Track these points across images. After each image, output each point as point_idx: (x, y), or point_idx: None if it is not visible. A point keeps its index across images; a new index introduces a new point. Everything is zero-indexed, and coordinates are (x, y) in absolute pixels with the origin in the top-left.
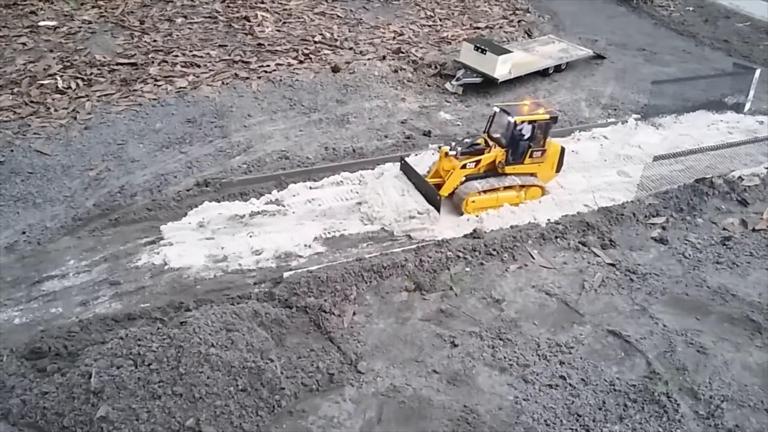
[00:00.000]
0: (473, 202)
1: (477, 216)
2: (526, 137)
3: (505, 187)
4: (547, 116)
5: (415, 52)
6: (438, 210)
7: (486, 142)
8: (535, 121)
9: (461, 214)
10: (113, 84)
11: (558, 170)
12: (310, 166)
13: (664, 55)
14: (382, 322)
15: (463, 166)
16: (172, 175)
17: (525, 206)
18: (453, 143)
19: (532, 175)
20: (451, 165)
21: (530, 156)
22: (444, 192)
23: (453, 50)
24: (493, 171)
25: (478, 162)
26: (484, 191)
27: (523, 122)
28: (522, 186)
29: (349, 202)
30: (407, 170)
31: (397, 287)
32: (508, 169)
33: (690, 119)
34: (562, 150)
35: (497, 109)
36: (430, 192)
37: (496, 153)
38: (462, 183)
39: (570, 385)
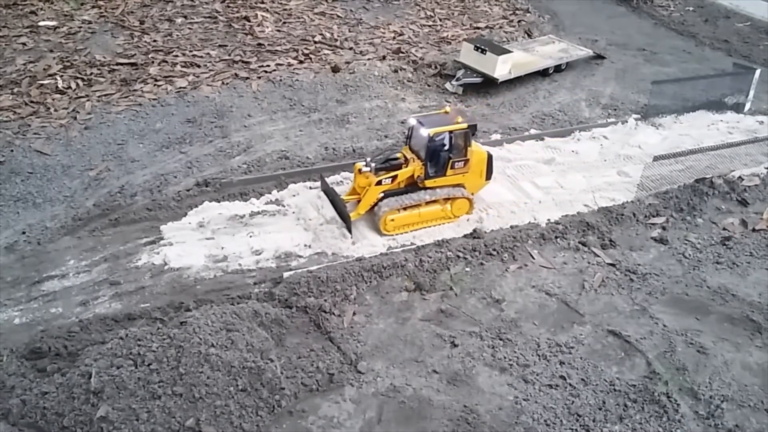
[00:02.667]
0: (392, 220)
1: (399, 233)
2: (445, 148)
3: (428, 202)
4: (465, 125)
5: (415, 52)
6: (350, 231)
7: (405, 155)
8: (452, 131)
9: (381, 234)
10: (113, 84)
11: (488, 178)
12: (310, 166)
13: (664, 55)
14: (382, 322)
15: (379, 183)
16: (172, 175)
17: (525, 206)
18: (368, 158)
19: (459, 186)
20: (366, 182)
21: (452, 167)
22: (360, 210)
23: (453, 50)
24: (414, 186)
25: (394, 177)
26: (404, 208)
27: (438, 133)
28: (447, 199)
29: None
30: (326, 187)
31: (397, 287)
32: (429, 183)
33: (690, 119)
34: (489, 156)
35: (414, 121)
36: (344, 212)
37: (414, 167)
38: (380, 200)
39: (570, 385)
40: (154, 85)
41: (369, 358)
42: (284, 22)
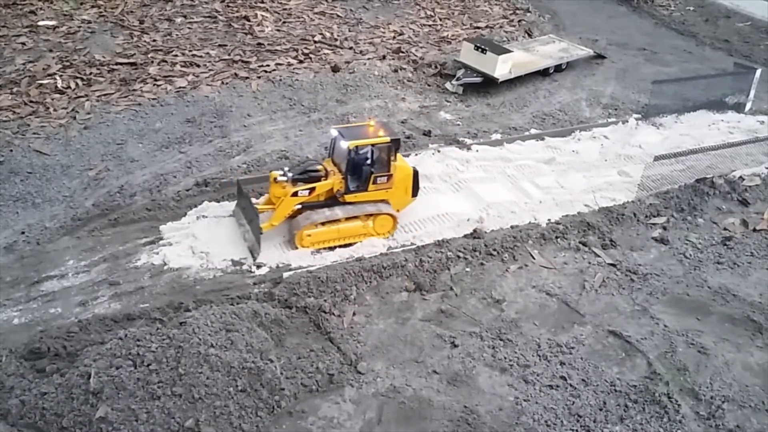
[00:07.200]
0: (309, 235)
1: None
2: (367, 162)
3: (348, 218)
4: (388, 139)
5: (415, 52)
6: (259, 244)
7: (325, 168)
8: (374, 144)
9: (296, 248)
10: (113, 84)
11: (414, 194)
12: None
13: (665, 54)
14: (382, 322)
15: (295, 194)
16: (171, 175)
17: (525, 206)
18: (286, 168)
19: (383, 201)
20: (282, 192)
21: (374, 182)
22: (274, 221)
23: (453, 50)
24: (335, 200)
25: (312, 189)
26: (323, 223)
27: (359, 146)
28: (369, 215)
29: None
30: (240, 194)
31: (397, 287)
32: (349, 198)
33: (690, 119)
34: (415, 173)
35: (335, 133)
36: (255, 223)
37: (334, 180)
38: (299, 212)
39: (570, 385)
40: (154, 84)
41: (369, 359)
42: (284, 22)
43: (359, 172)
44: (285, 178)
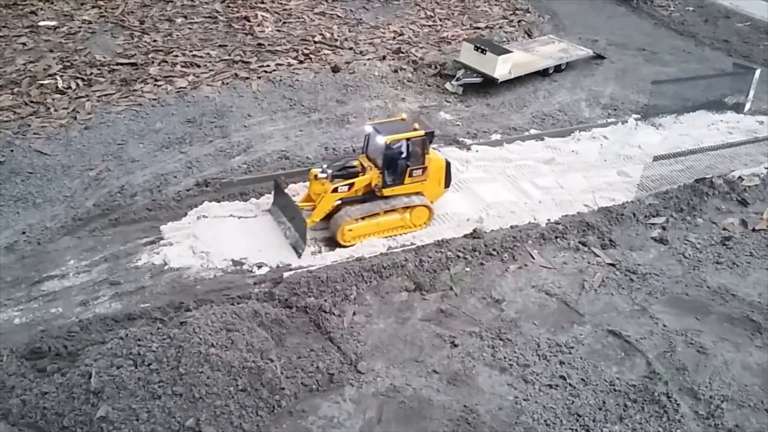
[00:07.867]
0: (350, 230)
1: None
2: (402, 156)
3: (387, 211)
4: (422, 132)
5: (415, 52)
6: (304, 240)
7: (362, 164)
8: (409, 138)
9: (338, 245)
10: (113, 84)
11: (447, 185)
12: (310, 166)
13: (664, 55)
14: (382, 322)
15: (335, 190)
16: (172, 175)
17: (525, 206)
18: (324, 165)
19: (418, 194)
20: (322, 188)
21: (410, 175)
22: (315, 217)
23: (453, 50)
24: (372, 194)
25: (351, 185)
26: (362, 218)
27: (395, 141)
28: (406, 208)
29: None
30: (278, 193)
31: (397, 287)
32: (387, 192)
33: (690, 119)
34: (447, 164)
35: (370, 129)
36: (298, 219)
37: (371, 175)
38: (338, 209)
39: (570, 385)
40: (154, 85)
41: (369, 358)
42: (284, 22)
43: (395, 166)
44: (324, 175)
